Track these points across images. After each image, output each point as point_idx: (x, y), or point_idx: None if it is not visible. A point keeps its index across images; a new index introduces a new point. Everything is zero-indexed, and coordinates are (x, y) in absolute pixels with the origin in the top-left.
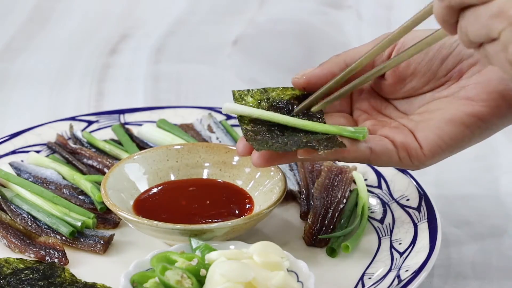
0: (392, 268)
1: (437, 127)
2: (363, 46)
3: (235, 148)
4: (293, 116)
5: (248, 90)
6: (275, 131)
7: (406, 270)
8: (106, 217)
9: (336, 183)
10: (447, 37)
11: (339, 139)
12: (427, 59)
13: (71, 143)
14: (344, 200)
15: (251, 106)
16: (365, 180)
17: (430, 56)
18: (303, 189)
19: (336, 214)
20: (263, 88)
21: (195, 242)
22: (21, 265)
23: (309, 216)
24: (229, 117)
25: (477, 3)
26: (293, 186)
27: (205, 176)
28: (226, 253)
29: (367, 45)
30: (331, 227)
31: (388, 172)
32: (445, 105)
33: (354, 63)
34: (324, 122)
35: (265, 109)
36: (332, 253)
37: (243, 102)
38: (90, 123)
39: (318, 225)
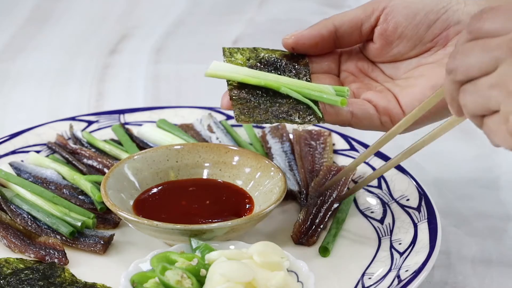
0: (392, 268)
1: (421, 93)
2: (351, 10)
3: (235, 148)
4: (279, 74)
5: (238, 48)
6: (260, 88)
7: (406, 270)
8: (106, 217)
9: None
10: (435, 3)
11: (320, 108)
12: (414, 23)
13: (71, 143)
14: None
15: (240, 63)
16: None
17: (417, 21)
18: (303, 189)
19: (329, 213)
20: (254, 47)
21: (195, 242)
22: (21, 265)
23: (300, 214)
24: (229, 117)
25: (479, 75)
26: (293, 186)
27: (205, 176)
28: (226, 253)
29: (355, 9)
30: (321, 226)
31: (388, 172)
32: (430, 72)
33: (342, 25)
34: (310, 79)
35: (253, 66)
36: (325, 252)
37: (232, 58)
38: (90, 123)
39: (308, 223)
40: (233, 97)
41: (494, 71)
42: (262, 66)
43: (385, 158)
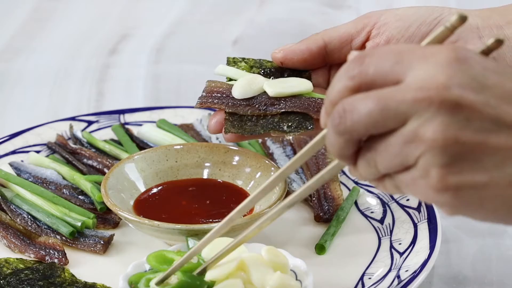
0: (392, 268)
1: None
2: (342, 25)
3: (235, 148)
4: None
5: (243, 58)
6: None
7: (406, 270)
8: (106, 217)
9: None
10: (428, 14)
11: (312, 118)
12: (407, 36)
13: (71, 143)
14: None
15: (243, 70)
16: (365, 180)
17: (410, 33)
18: (314, 192)
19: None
20: (258, 59)
21: (191, 242)
22: (21, 265)
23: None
24: None
25: (384, 131)
26: None
27: (205, 176)
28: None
29: (346, 24)
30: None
31: None
32: None
33: (332, 41)
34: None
35: (255, 74)
36: (321, 250)
37: (236, 66)
38: (90, 123)
39: (325, 201)
40: (227, 111)
41: (403, 126)
42: (264, 76)
43: None
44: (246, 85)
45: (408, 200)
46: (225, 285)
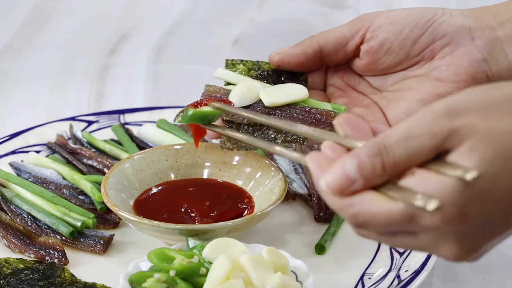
0: (392, 268)
1: (408, 108)
2: (337, 28)
3: None
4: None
5: (241, 60)
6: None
7: (406, 270)
8: (106, 217)
9: None
10: (420, 17)
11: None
12: (400, 39)
13: (71, 143)
14: None
15: (242, 73)
16: None
17: (404, 36)
18: (313, 192)
19: None
20: (256, 61)
21: (192, 242)
22: (21, 265)
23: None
24: None
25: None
26: (301, 189)
27: (205, 176)
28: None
29: (341, 27)
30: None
31: None
32: (417, 85)
33: (327, 44)
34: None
35: (253, 77)
36: (321, 250)
37: (234, 69)
38: (90, 123)
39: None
40: (224, 119)
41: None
42: (262, 78)
43: None
44: (243, 93)
45: None
46: (225, 286)
